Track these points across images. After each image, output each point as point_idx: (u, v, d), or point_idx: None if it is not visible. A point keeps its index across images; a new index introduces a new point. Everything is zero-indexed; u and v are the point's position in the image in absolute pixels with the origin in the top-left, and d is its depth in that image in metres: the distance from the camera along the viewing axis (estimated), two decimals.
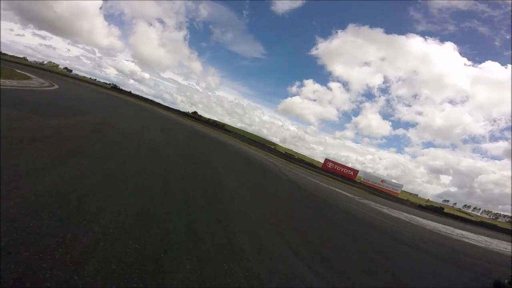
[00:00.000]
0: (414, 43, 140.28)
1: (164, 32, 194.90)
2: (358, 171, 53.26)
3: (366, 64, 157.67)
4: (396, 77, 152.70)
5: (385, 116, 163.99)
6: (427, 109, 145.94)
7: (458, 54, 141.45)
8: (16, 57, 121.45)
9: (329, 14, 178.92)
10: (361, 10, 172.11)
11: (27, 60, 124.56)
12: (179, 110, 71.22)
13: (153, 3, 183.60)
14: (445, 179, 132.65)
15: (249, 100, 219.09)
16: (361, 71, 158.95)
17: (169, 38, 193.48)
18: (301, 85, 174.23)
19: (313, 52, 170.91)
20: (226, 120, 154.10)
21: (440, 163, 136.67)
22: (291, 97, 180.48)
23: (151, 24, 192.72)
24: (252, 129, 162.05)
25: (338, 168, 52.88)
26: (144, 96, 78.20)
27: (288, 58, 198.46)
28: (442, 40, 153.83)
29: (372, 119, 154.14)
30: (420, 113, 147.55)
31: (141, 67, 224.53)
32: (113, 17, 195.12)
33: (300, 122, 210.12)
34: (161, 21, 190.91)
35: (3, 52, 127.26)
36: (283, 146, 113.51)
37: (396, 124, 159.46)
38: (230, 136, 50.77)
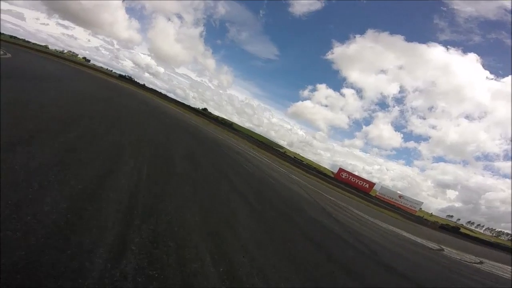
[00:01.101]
0: (435, 53, 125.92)
1: (181, 27, 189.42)
2: (374, 183, 46.21)
3: (383, 71, 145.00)
4: (413, 87, 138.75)
5: (398, 127, 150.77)
6: (442, 123, 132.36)
7: (481, 67, 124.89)
8: (38, 45, 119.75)
9: (348, 18, 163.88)
10: (382, 15, 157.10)
11: (48, 48, 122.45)
12: (189, 106, 65.69)
13: None
14: (451, 194, 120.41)
15: (259, 101, 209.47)
16: (377, 78, 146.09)
17: (186, 34, 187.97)
18: (314, 89, 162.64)
19: (329, 56, 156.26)
20: (235, 119, 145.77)
21: (449, 178, 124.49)
22: (302, 101, 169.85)
23: (169, 19, 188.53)
24: (260, 130, 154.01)
25: (353, 179, 45.92)
26: (157, 89, 72.82)
27: (302, 61, 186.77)
28: (465, 51, 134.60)
29: (383, 130, 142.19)
30: (434, 127, 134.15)
31: (156, 61, 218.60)
32: (134, 11, 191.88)
33: (309, 127, 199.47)
34: (180, 17, 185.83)
35: (27, 39, 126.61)
36: (291, 150, 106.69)
37: (408, 137, 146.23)
38: (237, 136, 44.67)
